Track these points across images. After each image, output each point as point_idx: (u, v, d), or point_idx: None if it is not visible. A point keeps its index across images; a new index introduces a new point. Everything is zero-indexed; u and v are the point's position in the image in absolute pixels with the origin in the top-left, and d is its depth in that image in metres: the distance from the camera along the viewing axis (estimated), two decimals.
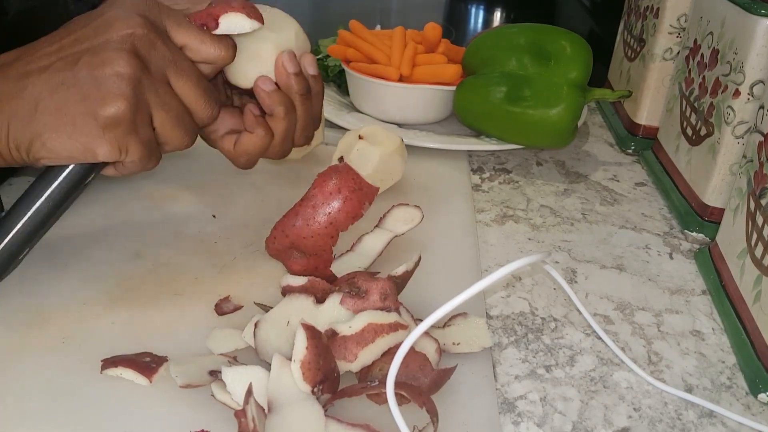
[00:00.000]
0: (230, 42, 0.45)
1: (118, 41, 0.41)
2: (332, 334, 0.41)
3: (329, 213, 0.48)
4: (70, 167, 0.44)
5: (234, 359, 0.44)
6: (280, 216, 0.51)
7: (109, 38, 0.41)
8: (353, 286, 0.44)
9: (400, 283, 0.47)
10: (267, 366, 0.40)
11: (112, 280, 0.51)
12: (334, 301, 0.44)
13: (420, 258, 0.48)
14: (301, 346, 0.39)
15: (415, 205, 0.54)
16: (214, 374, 0.42)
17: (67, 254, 0.53)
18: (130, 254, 0.54)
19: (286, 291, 0.46)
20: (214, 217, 0.60)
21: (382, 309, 0.42)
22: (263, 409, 0.38)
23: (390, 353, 0.41)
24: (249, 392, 0.37)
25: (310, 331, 0.39)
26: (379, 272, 0.50)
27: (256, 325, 0.44)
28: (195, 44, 0.44)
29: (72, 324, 0.46)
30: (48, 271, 0.51)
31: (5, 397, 0.40)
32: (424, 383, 0.42)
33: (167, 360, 0.43)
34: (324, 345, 0.40)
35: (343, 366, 0.41)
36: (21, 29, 0.62)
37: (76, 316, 0.47)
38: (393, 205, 0.54)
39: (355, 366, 0.41)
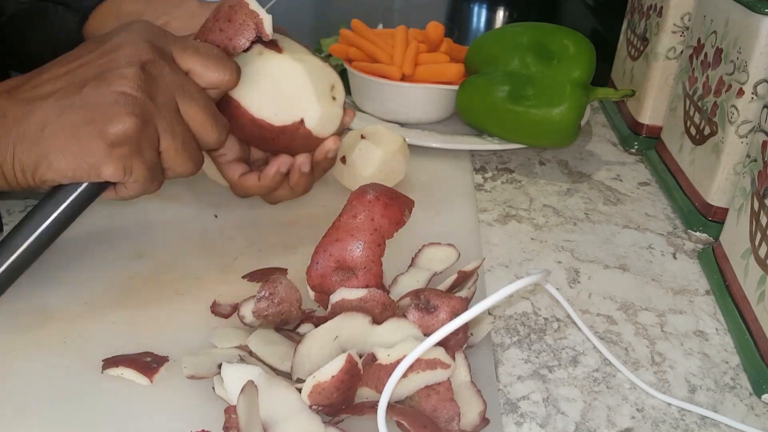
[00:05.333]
0: (234, 65, 0.46)
1: (125, 63, 0.42)
2: (372, 360, 0.39)
3: (373, 219, 0.47)
4: (75, 194, 0.44)
5: (249, 353, 0.43)
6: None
7: (116, 60, 0.42)
8: (422, 300, 0.43)
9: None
10: (287, 376, 0.40)
11: (114, 280, 0.51)
12: (393, 324, 0.42)
13: (483, 261, 0.48)
14: (330, 370, 0.37)
15: (449, 244, 0.52)
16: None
17: (68, 254, 0.53)
18: (132, 254, 0.54)
19: (339, 308, 0.44)
20: (215, 216, 0.60)
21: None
22: (257, 411, 0.37)
23: (431, 389, 0.40)
24: (242, 391, 0.37)
25: (350, 365, 0.38)
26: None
27: (299, 341, 0.41)
28: (199, 69, 0.45)
29: (73, 324, 0.46)
30: (49, 271, 0.51)
31: (6, 397, 0.40)
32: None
33: (168, 360, 0.43)
34: (350, 383, 0.38)
35: (371, 394, 0.40)
36: (13, 32, 0.62)
37: (78, 315, 0.47)
38: (424, 245, 0.52)
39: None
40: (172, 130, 0.44)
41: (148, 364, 0.43)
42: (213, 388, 0.40)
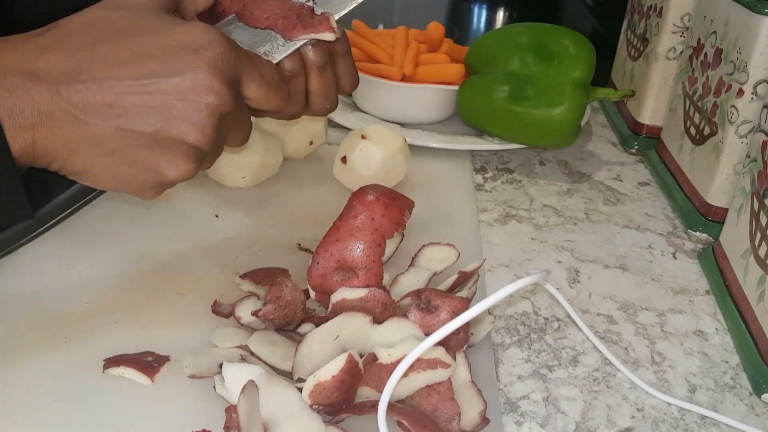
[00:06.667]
0: (287, 94, 0.45)
1: (204, 112, 0.39)
2: (372, 359, 0.39)
3: (373, 219, 0.47)
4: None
5: (250, 353, 0.43)
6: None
7: (195, 105, 0.39)
8: (423, 300, 0.43)
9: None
10: (287, 376, 0.40)
11: (115, 280, 0.51)
12: (394, 324, 0.42)
13: (484, 261, 0.48)
14: (330, 370, 0.37)
15: (449, 244, 0.53)
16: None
17: (69, 253, 0.53)
18: (133, 254, 0.54)
19: (339, 308, 0.44)
20: (216, 216, 0.60)
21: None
22: (257, 410, 0.37)
23: (431, 389, 0.40)
24: (243, 391, 0.37)
25: (351, 364, 0.38)
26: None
27: (300, 341, 0.41)
28: (260, 100, 0.43)
29: (74, 323, 0.46)
30: (51, 270, 0.51)
31: (7, 397, 0.40)
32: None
33: (169, 359, 0.43)
34: (350, 382, 0.38)
35: (372, 394, 0.40)
36: None
37: (79, 315, 0.47)
38: (424, 245, 0.53)
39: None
40: (214, 158, 0.43)
41: (149, 363, 0.43)
42: (214, 387, 0.40)
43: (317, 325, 0.43)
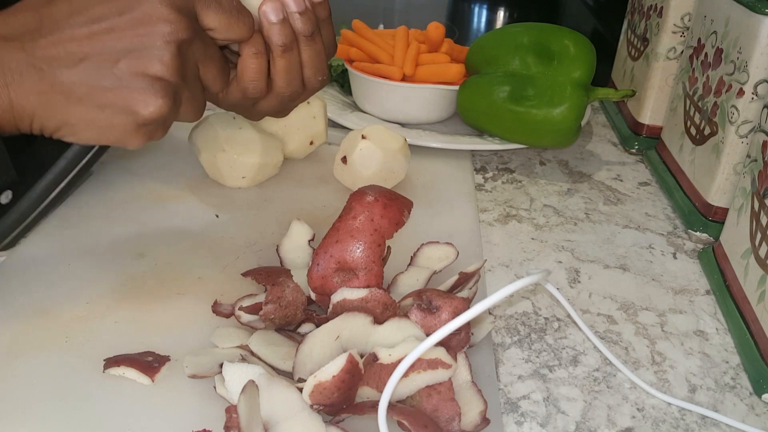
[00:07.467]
0: (252, 21, 0.45)
1: (161, 43, 0.40)
2: (373, 359, 0.39)
3: (373, 220, 0.47)
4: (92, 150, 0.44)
5: (250, 353, 0.43)
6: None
7: (152, 37, 0.40)
8: (425, 300, 0.43)
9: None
10: (288, 376, 0.40)
11: (115, 280, 0.51)
12: (394, 324, 0.42)
13: (485, 262, 0.48)
14: (331, 370, 0.37)
15: (447, 242, 0.53)
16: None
17: (70, 253, 0.53)
18: (133, 254, 0.54)
19: (340, 308, 0.44)
20: (217, 216, 0.60)
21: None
22: (258, 410, 0.37)
23: (432, 389, 0.40)
24: (243, 391, 0.37)
25: (351, 364, 0.38)
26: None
27: (301, 341, 0.42)
28: (222, 28, 0.44)
29: (75, 323, 0.46)
30: (51, 269, 0.51)
31: (7, 396, 0.41)
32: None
33: (170, 359, 0.43)
34: (351, 382, 0.38)
35: (372, 394, 0.40)
36: None
37: (79, 315, 0.47)
38: (423, 244, 0.53)
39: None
40: (193, 99, 0.44)
41: (149, 363, 0.43)
42: (214, 387, 0.40)
43: (318, 326, 0.43)
